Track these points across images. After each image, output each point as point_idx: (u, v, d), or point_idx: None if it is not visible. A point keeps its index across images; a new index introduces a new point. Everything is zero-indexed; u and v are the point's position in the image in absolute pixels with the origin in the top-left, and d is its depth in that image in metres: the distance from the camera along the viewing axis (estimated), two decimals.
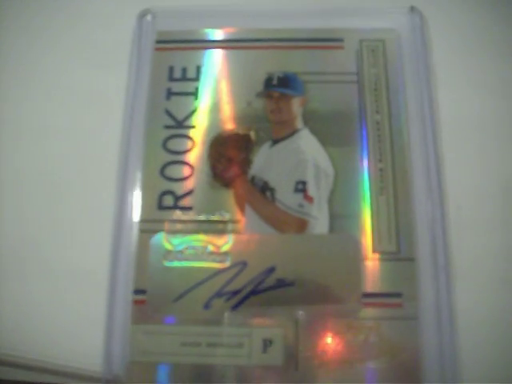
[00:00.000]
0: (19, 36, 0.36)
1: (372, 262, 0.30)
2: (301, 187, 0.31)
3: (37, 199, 0.32)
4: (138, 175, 0.31)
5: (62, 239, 0.31)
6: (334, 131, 0.32)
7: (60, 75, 0.35)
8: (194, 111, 0.33)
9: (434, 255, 0.30)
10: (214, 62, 0.34)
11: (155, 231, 0.30)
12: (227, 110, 0.33)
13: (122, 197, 0.31)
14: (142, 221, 0.31)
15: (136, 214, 0.31)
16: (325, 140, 0.32)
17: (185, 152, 0.32)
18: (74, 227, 0.31)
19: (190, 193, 0.31)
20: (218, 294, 0.29)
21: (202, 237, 0.30)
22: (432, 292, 0.29)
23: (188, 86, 0.33)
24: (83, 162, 0.33)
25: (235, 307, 0.29)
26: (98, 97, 0.34)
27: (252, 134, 0.32)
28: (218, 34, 0.34)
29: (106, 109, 0.33)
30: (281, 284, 0.29)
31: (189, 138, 0.32)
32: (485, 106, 0.33)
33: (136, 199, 0.31)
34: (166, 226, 0.31)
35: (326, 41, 0.34)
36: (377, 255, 0.30)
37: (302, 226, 0.30)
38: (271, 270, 0.30)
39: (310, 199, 0.31)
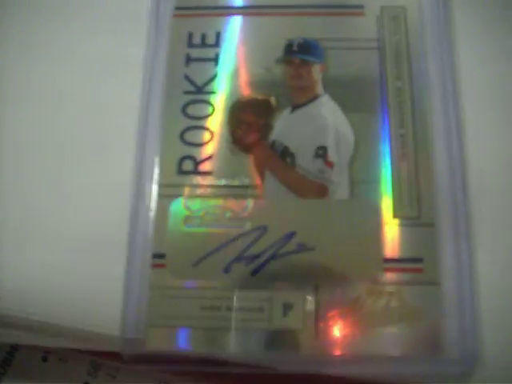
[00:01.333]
0: (38, 6, 0.36)
1: (392, 228, 0.29)
2: (321, 153, 0.31)
3: (55, 165, 0.32)
4: (158, 140, 0.31)
5: (80, 204, 0.31)
6: (354, 97, 0.31)
7: (78, 43, 0.34)
8: (213, 77, 0.32)
9: (455, 221, 0.29)
10: (234, 29, 0.33)
11: (175, 196, 0.30)
12: (247, 76, 0.32)
13: (141, 162, 0.31)
14: (162, 185, 0.30)
15: (155, 178, 0.30)
16: (345, 106, 0.31)
17: (204, 117, 0.32)
18: (93, 192, 0.31)
19: (209, 158, 0.31)
20: (238, 259, 0.29)
21: (221, 202, 0.30)
22: (453, 258, 0.29)
23: (207, 52, 0.33)
24: (102, 128, 0.32)
25: (255, 272, 0.29)
26: (117, 64, 0.33)
27: (272, 100, 0.32)
28: (237, 1, 0.34)
29: (125, 75, 0.33)
30: (301, 249, 0.29)
31: (208, 103, 0.32)
32: (507, 72, 0.32)
33: (155, 164, 0.31)
34: (186, 190, 0.30)
35: (346, 7, 0.33)
36: (397, 221, 0.29)
37: (322, 191, 0.30)
38: (291, 234, 0.29)
39: (330, 164, 0.30)
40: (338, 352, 0.28)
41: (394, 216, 0.30)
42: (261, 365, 0.29)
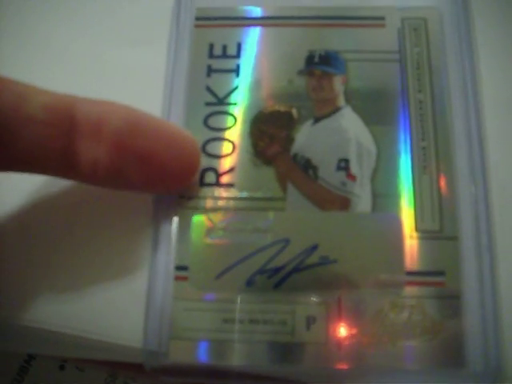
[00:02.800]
0: (57, 13, 0.35)
1: (415, 241, 0.29)
2: (343, 165, 0.30)
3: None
4: None
5: (103, 216, 0.31)
6: (376, 110, 0.31)
7: (98, 53, 0.34)
8: (234, 88, 0.32)
9: (478, 234, 0.29)
10: (255, 40, 0.33)
11: (197, 208, 0.30)
12: (268, 88, 0.32)
13: None
14: (184, 197, 0.30)
15: (178, 191, 0.30)
16: (367, 118, 0.31)
17: (226, 129, 0.31)
18: (116, 204, 0.31)
19: (231, 170, 0.31)
20: (261, 271, 0.29)
21: (243, 214, 0.30)
22: (475, 271, 0.29)
23: (228, 63, 0.32)
24: None
25: (278, 284, 0.29)
26: (138, 75, 0.33)
27: (294, 112, 0.31)
28: (258, 12, 0.34)
29: (146, 87, 0.32)
30: (324, 261, 0.29)
31: (230, 114, 0.31)
32: None
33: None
34: (208, 202, 0.30)
35: (367, 19, 0.33)
36: (419, 234, 0.29)
37: (344, 204, 0.30)
38: (314, 247, 0.29)
39: (352, 177, 0.30)
40: (360, 365, 0.28)
41: (416, 229, 0.29)
42: (283, 378, 0.29)
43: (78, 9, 0.35)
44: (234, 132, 0.31)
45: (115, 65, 0.33)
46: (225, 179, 0.30)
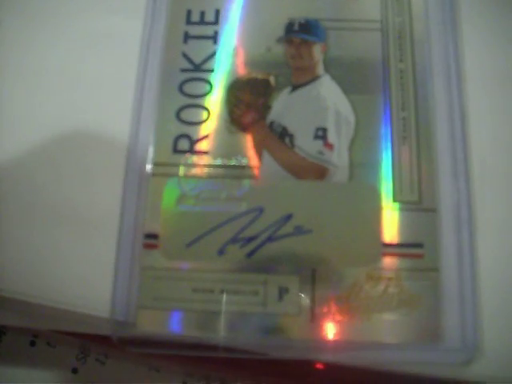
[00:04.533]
0: None
1: (392, 212, 0.28)
2: (321, 134, 0.29)
3: (47, 143, 0.30)
4: (153, 118, 0.30)
5: (70, 180, 0.30)
6: (355, 79, 0.30)
7: (73, 18, 0.32)
8: (212, 55, 0.31)
9: (457, 207, 0.28)
10: (234, 7, 0.32)
11: (169, 175, 0.29)
12: (246, 55, 0.31)
13: (135, 140, 0.29)
14: (156, 164, 0.29)
15: (150, 157, 0.29)
16: (346, 87, 0.30)
17: (202, 96, 0.30)
18: (85, 169, 0.30)
19: (206, 137, 0.29)
20: (233, 240, 0.28)
21: (217, 182, 0.29)
22: (454, 244, 0.28)
23: (206, 30, 0.31)
24: (96, 104, 0.31)
25: (250, 254, 0.28)
26: (114, 40, 0.32)
27: (271, 79, 0.30)
28: None
29: (122, 52, 0.31)
30: (298, 231, 0.28)
31: (206, 81, 0.30)
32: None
33: (150, 142, 0.29)
34: (181, 170, 0.29)
35: None
36: (397, 205, 0.28)
37: (321, 173, 0.29)
38: (288, 217, 0.28)
39: (330, 146, 0.29)
40: (333, 338, 0.27)
41: (394, 200, 0.28)
42: (253, 350, 0.27)
43: None
44: (210, 99, 0.30)
45: (90, 30, 0.32)
46: (199, 146, 0.29)
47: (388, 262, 0.27)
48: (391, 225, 0.28)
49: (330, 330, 0.27)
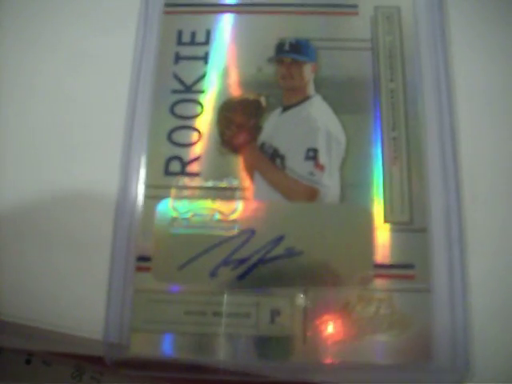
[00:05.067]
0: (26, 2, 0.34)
1: (383, 233, 0.28)
2: (312, 155, 0.29)
3: (37, 163, 0.31)
4: (145, 140, 0.29)
5: (63, 203, 0.30)
6: (346, 98, 0.30)
7: (65, 39, 0.33)
8: (203, 76, 0.31)
9: (448, 227, 0.28)
10: (225, 27, 0.32)
11: (161, 197, 0.29)
12: (237, 76, 0.31)
13: (127, 161, 0.29)
14: (148, 186, 0.29)
15: (141, 179, 0.29)
16: (337, 107, 0.30)
17: (193, 117, 0.30)
18: (78, 191, 0.30)
19: (197, 159, 0.29)
20: (225, 262, 0.28)
21: (209, 204, 0.29)
22: (445, 264, 0.28)
23: (197, 51, 0.31)
24: (88, 126, 0.31)
25: (242, 276, 0.28)
26: (105, 60, 0.32)
27: (262, 100, 0.30)
28: None
29: (113, 73, 0.31)
30: (290, 253, 0.28)
31: (197, 102, 0.30)
32: (502, 77, 0.31)
33: (142, 164, 0.29)
34: (173, 192, 0.29)
35: (339, 7, 0.32)
36: (388, 225, 0.28)
37: (312, 194, 0.29)
38: (280, 238, 0.28)
39: (320, 167, 0.29)
40: (326, 359, 0.27)
41: (385, 221, 0.28)
42: (248, 372, 0.28)
43: None
44: (201, 120, 0.30)
45: (83, 51, 0.32)
46: (190, 168, 0.29)
47: (379, 283, 0.27)
48: (382, 245, 0.28)
49: (322, 352, 0.27)
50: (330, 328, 0.27)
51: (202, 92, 0.30)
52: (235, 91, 0.30)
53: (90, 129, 0.31)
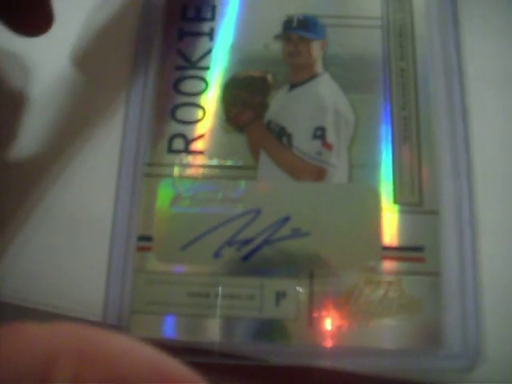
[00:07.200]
0: None
1: (392, 214, 0.27)
2: (319, 134, 0.28)
3: (39, 145, 0.29)
4: (148, 117, 0.28)
5: (63, 181, 0.28)
6: (355, 77, 0.29)
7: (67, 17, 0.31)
8: (208, 52, 0.29)
9: (459, 210, 0.27)
10: (231, 2, 0.30)
11: (164, 176, 0.28)
12: (243, 52, 0.29)
13: (129, 139, 0.28)
14: (150, 164, 0.28)
15: (144, 157, 0.28)
16: (346, 86, 0.29)
17: (197, 94, 0.29)
18: (78, 169, 0.28)
19: (201, 137, 0.28)
20: (229, 243, 0.27)
21: (213, 182, 0.27)
22: (456, 248, 0.26)
23: (202, 26, 0.30)
24: (90, 103, 0.29)
25: (247, 257, 0.26)
26: (108, 39, 0.30)
27: (269, 77, 0.29)
28: None
29: (115, 48, 0.30)
30: (296, 234, 0.27)
31: (202, 79, 0.29)
32: None
33: (144, 142, 0.28)
34: (176, 170, 0.28)
35: None
36: (398, 207, 0.27)
37: (319, 174, 0.28)
38: (286, 219, 0.27)
39: (328, 146, 0.28)
40: (332, 344, 0.26)
41: (395, 202, 0.27)
42: (250, 356, 0.26)
43: None
44: (206, 97, 0.29)
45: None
46: (194, 146, 0.28)
47: (388, 265, 0.26)
48: (391, 227, 0.27)
49: (329, 336, 0.26)
50: (337, 311, 0.26)
51: (207, 69, 0.29)
52: (241, 68, 0.29)
53: (91, 105, 0.29)
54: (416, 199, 0.27)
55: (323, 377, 0.26)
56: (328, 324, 0.26)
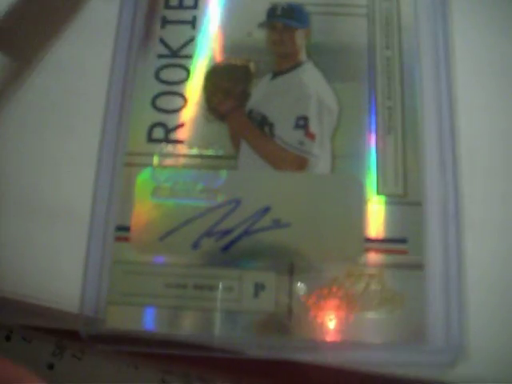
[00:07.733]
0: None
1: (376, 206, 0.26)
2: (302, 123, 0.27)
3: (17, 132, 0.29)
4: (127, 106, 0.28)
5: (40, 170, 0.28)
6: (340, 66, 0.28)
7: None
8: (190, 40, 0.29)
9: (444, 201, 0.26)
10: None
11: (143, 165, 0.27)
12: (225, 40, 0.29)
13: (108, 128, 0.27)
14: (130, 154, 0.27)
15: (123, 146, 0.27)
16: (330, 74, 0.28)
17: (179, 83, 0.28)
18: (56, 158, 0.28)
19: (182, 125, 0.27)
20: (208, 234, 0.26)
21: (193, 172, 0.27)
22: (440, 240, 0.26)
23: (184, 14, 0.29)
24: (69, 90, 0.29)
25: (226, 248, 0.26)
26: (89, 24, 0.30)
27: (251, 66, 0.28)
28: None
29: (97, 35, 0.29)
30: (276, 225, 0.26)
31: (184, 68, 0.28)
32: (502, 45, 0.29)
33: (123, 130, 0.27)
34: (155, 159, 0.27)
35: None
36: (381, 198, 0.26)
37: (301, 164, 0.27)
38: (266, 209, 0.26)
39: (311, 136, 0.27)
40: (312, 337, 0.25)
41: (378, 193, 0.26)
42: (229, 349, 0.26)
43: None
44: (187, 86, 0.28)
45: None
46: (174, 135, 0.27)
47: (370, 257, 0.26)
48: (374, 219, 0.26)
49: (308, 329, 0.25)
50: (317, 304, 0.25)
51: (189, 57, 0.29)
52: (223, 56, 0.29)
53: (71, 92, 0.29)
54: (400, 190, 0.26)
55: (302, 370, 0.26)
56: (308, 317, 0.25)
